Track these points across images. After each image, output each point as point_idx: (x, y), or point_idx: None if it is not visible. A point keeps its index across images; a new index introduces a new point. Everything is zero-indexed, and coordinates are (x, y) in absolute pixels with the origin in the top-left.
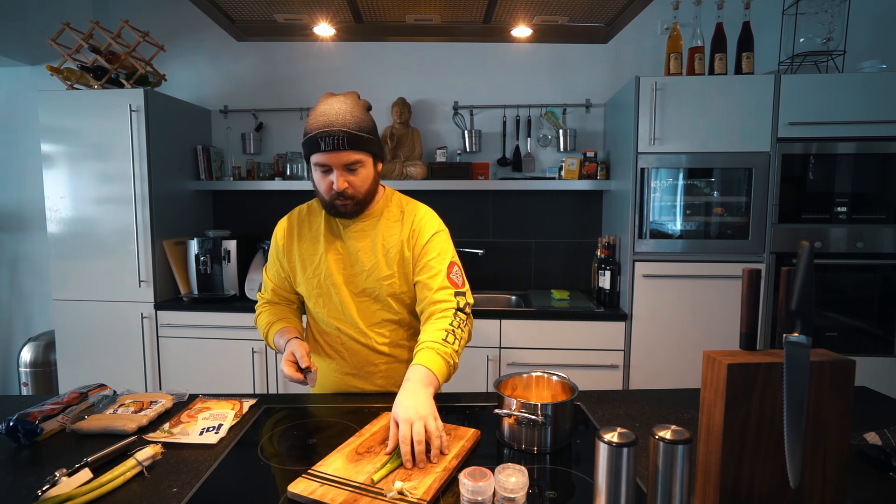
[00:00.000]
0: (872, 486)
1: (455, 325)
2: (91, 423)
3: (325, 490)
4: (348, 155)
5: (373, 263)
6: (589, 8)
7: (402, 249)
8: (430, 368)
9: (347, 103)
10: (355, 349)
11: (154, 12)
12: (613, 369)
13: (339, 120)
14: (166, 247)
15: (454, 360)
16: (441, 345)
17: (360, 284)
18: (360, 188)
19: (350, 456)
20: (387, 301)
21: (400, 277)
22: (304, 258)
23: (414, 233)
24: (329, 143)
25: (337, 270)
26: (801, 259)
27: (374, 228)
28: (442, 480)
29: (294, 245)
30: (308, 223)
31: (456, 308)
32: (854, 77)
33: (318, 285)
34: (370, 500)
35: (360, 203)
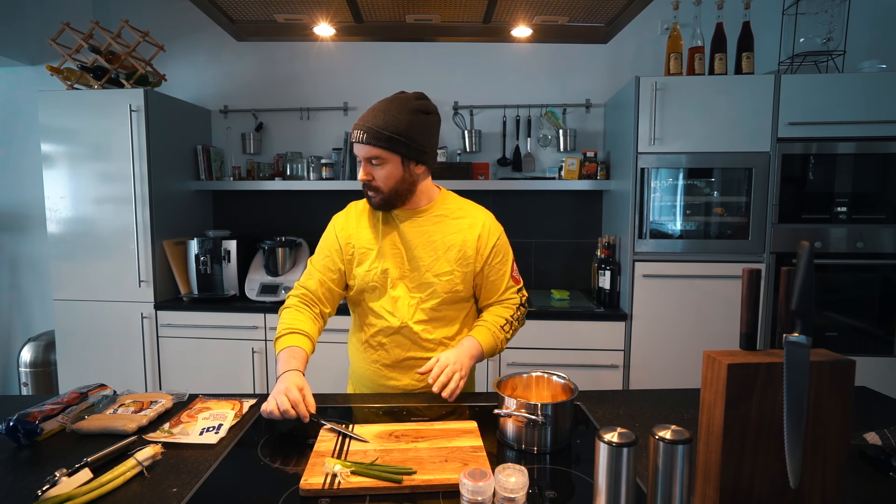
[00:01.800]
0: (872, 486)
1: (515, 318)
2: (91, 423)
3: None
4: (368, 149)
5: (432, 259)
6: (589, 8)
7: (463, 248)
8: (481, 344)
9: (391, 102)
10: (399, 342)
11: (154, 12)
12: (613, 369)
13: (370, 116)
14: (166, 247)
15: (503, 345)
16: (498, 330)
17: (417, 279)
18: (382, 183)
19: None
20: (442, 297)
21: (459, 275)
22: (363, 250)
23: (482, 236)
24: (355, 135)
25: (395, 265)
26: (801, 259)
27: (431, 225)
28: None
29: (353, 237)
30: (367, 216)
31: (519, 304)
32: (854, 77)
33: (374, 278)
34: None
35: (386, 198)
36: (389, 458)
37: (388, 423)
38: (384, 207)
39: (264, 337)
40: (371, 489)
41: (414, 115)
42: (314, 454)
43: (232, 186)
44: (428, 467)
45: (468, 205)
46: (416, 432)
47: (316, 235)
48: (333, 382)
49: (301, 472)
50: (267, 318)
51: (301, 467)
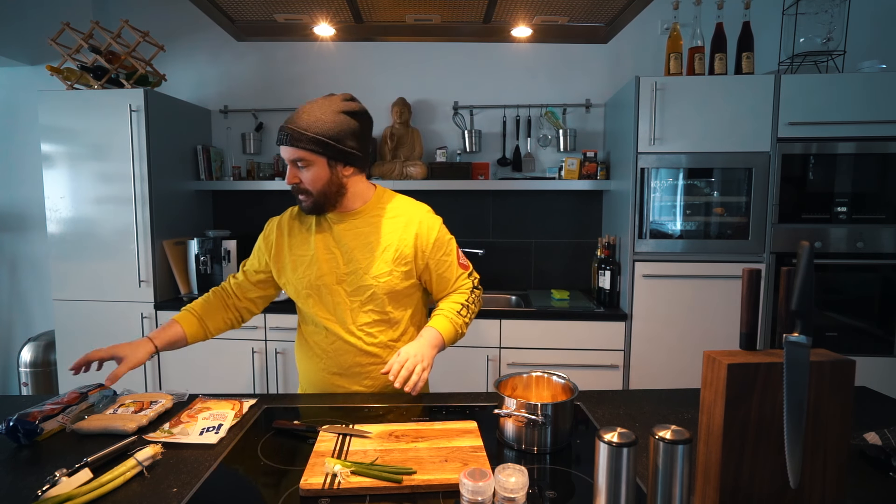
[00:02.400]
0: (872, 486)
1: (470, 301)
2: (91, 423)
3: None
4: (292, 151)
5: (368, 261)
6: (589, 8)
7: (401, 248)
8: (441, 332)
9: (316, 103)
10: (343, 349)
11: (154, 12)
12: (613, 369)
13: (296, 117)
14: (166, 247)
15: (463, 329)
16: (455, 315)
17: (354, 283)
18: (310, 186)
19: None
20: (382, 299)
21: (398, 275)
22: (296, 258)
23: (421, 234)
24: (279, 137)
25: (329, 270)
26: (801, 259)
27: (367, 226)
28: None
29: (285, 245)
30: (299, 223)
31: (472, 287)
32: (854, 77)
33: (308, 285)
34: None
35: (316, 201)
36: (389, 458)
37: (389, 423)
38: (315, 211)
39: (264, 337)
40: (371, 489)
41: (339, 117)
42: (314, 454)
43: (232, 186)
44: (428, 467)
45: (404, 203)
46: (416, 432)
47: None
48: None
49: (301, 472)
50: (267, 318)
51: (301, 467)
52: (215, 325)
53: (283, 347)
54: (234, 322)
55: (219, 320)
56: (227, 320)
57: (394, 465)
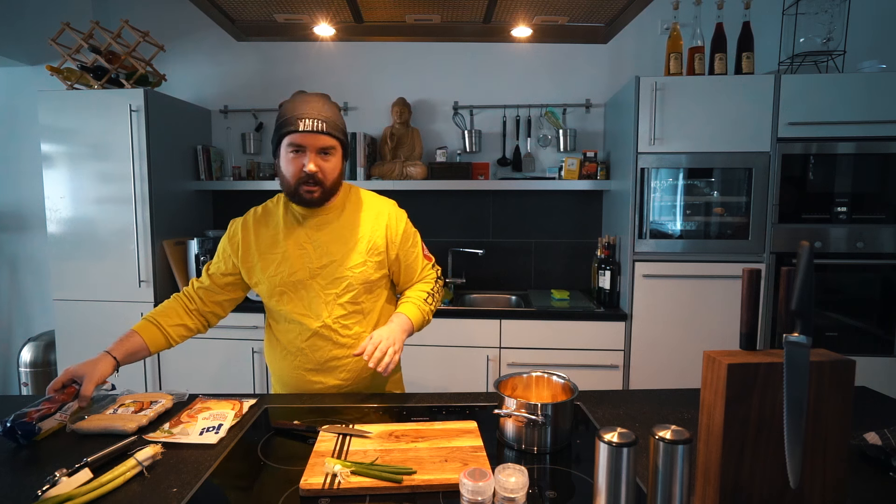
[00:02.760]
0: (872, 486)
1: (434, 290)
2: (91, 423)
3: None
4: (325, 139)
5: (343, 253)
6: (589, 8)
7: (373, 239)
8: (410, 318)
9: (325, 98)
10: (318, 345)
11: (154, 12)
12: (613, 369)
13: (319, 106)
14: (166, 247)
15: (429, 317)
16: (423, 303)
17: (329, 275)
18: (329, 175)
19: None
20: (357, 290)
21: (372, 265)
22: (266, 257)
23: (390, 225)
24: (310, 123)
25: (302, 266)
26: (801, 259)
27: (338, 220)
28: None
29: (252, 245)
30: (265, 223)
31: (436, 277)
32: (854, 77)
33: (281, 282)
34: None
35: (326, 192)
36: (389, 458)
37: (389, 423)
38: (319, 203)
39: (264, 337)
40: (371, 489)
41: (340, 112)
42: (314, 454)
43: (232, 186)
44: (428, 467)
45: (371, 196)
46: (416, 432)
47: None
48: None
49: (301, 472)
50: None
51: (301, 467)
52: (177, 332)
53: None
54: (200, 327)
55: (181, 328)
56: (191, 327)
57: (394, 465)
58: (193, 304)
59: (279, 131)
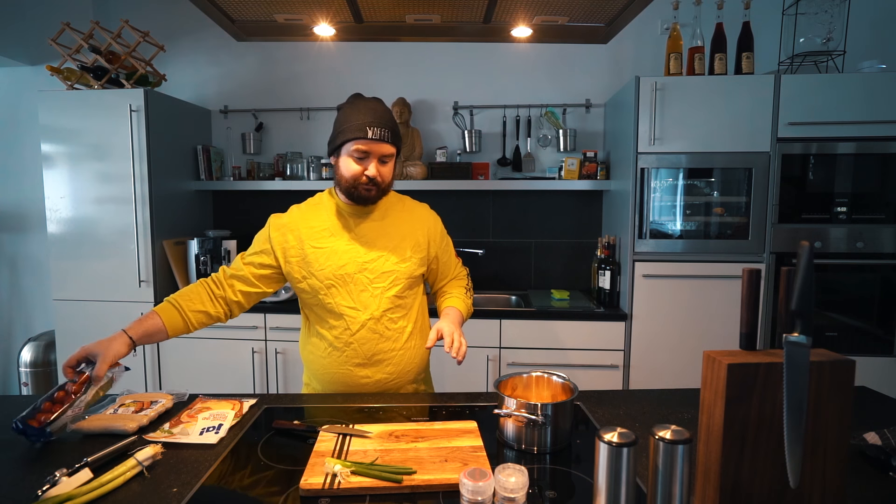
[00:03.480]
0: (872, 486)
1: (469, 286)
2: (91, 423)
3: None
4: (388, 147)
5: (390, 249)
6: (589, 8)
7: (415, 236)
8: (460, 310)
9: (385, 106)
10: (366, 337)
11: (154, 12)
12: (613, 369)
13: (386, 116)
14: (166, 247)
15: (471, 308)
16: (465, 297)
17: (378, 269)
18: (387, 178)
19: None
20: (403, 284)
21: (416, 260)
22: (316, 251)
23: (430, 225)
24: (377, 133)
25: (350, 260)
26: (801, 259)
27: (383, 218)
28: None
29: (303, 239)
30: (313, 218)
31: (467, 274)
32: (854, 77)
33: (331, 275)
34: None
35: (382, 192)
36: (389, 457)
37: (389, 423)
38: (374, 201)
39: (264, 337)
40: (371, 489)
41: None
42: (314, 454)
43: (232, 186)
44: (428, 467)
45: (409, 200)
46: (416, 432)
47: None
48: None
49: (301, 472)
50: (267, 318)
51: (301, 467)
52: (197, 318)
53: (283, 347)
54: (221, 316)
55: (201, 314)
56: (212, 314)
57: (394, 465)
58: (220, 291)
59: (346, 135)
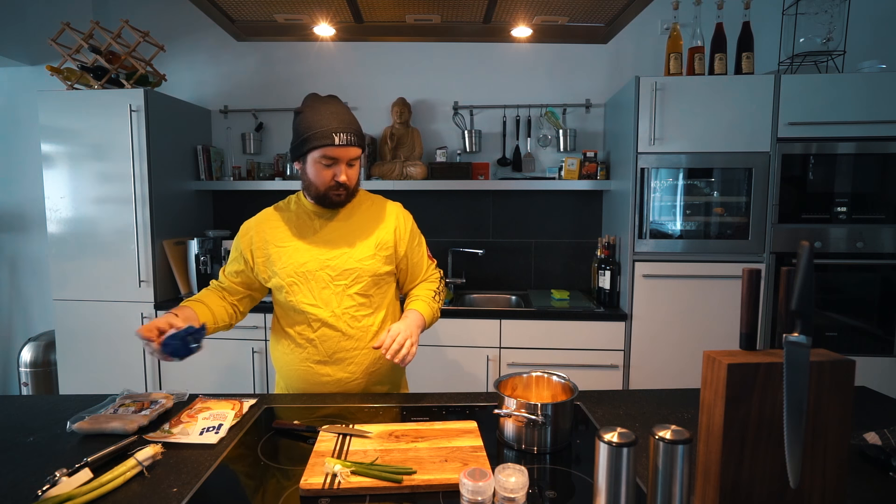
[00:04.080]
0: (872, 486)
1: (439, 290)
2: (91, 424)
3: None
4: (356, 150)
5: (352, 246)
6: (589, 8)
7: (381, 235)
8: (422, 314)
9: (340, 105)
10: (327, 335)
11: (154, 12)
12: (613, 369)
13: (349, 118)
14: (166, 247)
15: (438, 314)
16: (431, 301)
17: (340, 266)
18: (353, 181)
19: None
20: (366, 282)
21: (381, 258)
22: (279, 250)
23: (399, 225)
24: (344, 138)
25: (312, 258)
26: (801, 259)
27: (349, 217)
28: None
29: (267, 240)
30: (278, 220)
31: (440, 277)
32: (854, 77)
33: (293, 272)
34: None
35: (350, 195)
36: (389, 457)
37: (389, 423)
38: (343, 205)
39: (264, 337)
40: (371, 489)
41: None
42: (314, 454)
43: (232, 186)
44: (428, 467)
45: (377, 197)
46: (415, 432)
47: None
48: None
49: (301, 472)
50: (267, 318)
51: (301, 467)
52: (220, 315)
53: None
54: (232, 317)
55: (222, 312)
56: (227, 314)
57: (394, 465)
58: (224, 294)
59: (312, 142)
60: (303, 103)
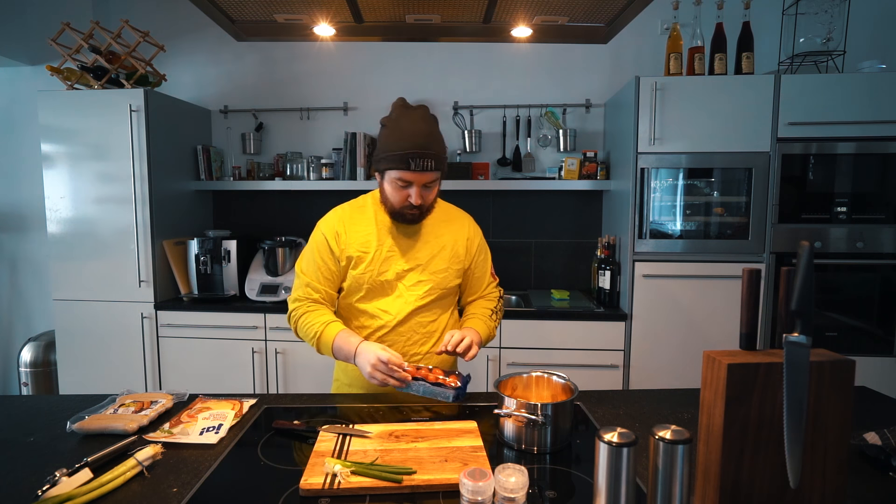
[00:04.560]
0: (872, 486)
1: (497, 308)
2: (91, 423)
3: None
4: (432, 175)
5: (429, 258)
6: (589, 8)
7: (455, 248)
8: (479, 332)
9: (431, 124)
10: (393, 341)
11: (154, 12)
12: (613, 369)
13: (429, 141)
14: (166, 247)
15: (493, 332)
16: (488, 318)
17: (414, 278)
18: (430, 201)
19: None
20: (437, 294)
21: (453, 272)
22: (358, 254)
23: (470, 237)
24: (420, 164)
25: (390, 267)
26: (801, 259)
27: (424, 228)
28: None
29: (350, 240)
30: (361, 220)
31: (499, 296)
32: (854, 77)
33: (369, 280)
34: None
35: (425, 213)
36: (389, 457)
37: (389, 423)
38: (417, 222)
39: (264, 337)
40: (371, 489)
41: (441, 135)
42: (314, 454)
43: (232, 186)
44: (428, 467)
45: (452, 208)
46: (416, 432)
47: None
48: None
49: (301, 472)
50: (267, 318)
51: (301, 467)
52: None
53: (283, 347)
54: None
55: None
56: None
57: (394, 465)
58: (331, 308)
59: (388, 164)
60: (390, 112)
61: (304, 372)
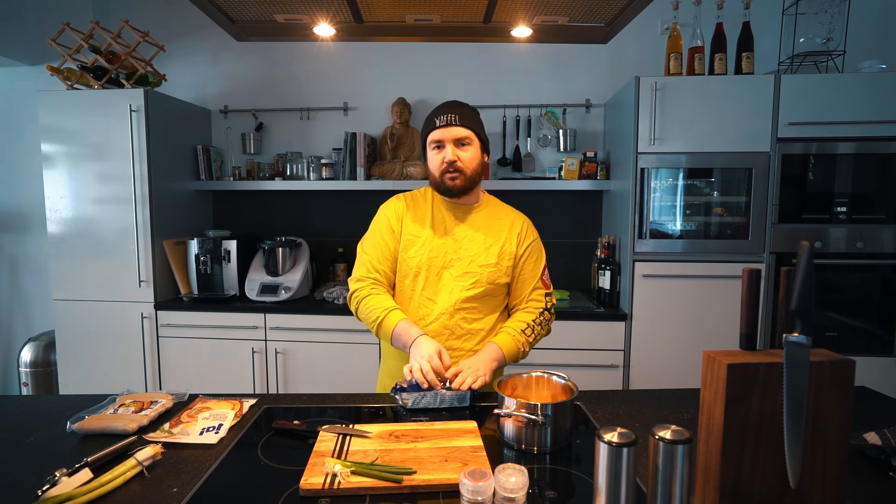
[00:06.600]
0: (872, 486)
1: (537, 322)
2: (91, 423)
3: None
4: (459, 129)
5: (478, 251)
6: (589, 8)
7: (506, 244)
8: (502, 348)
9: (461, 102)
10: (437, 331)
11: (154, 12)
12: (613, 369)
13: (456, 105)
14: (166, 247)
15: (526, 348)
16: (519, 334)
17: (462, 268)
18: (468, 164)
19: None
20: (484, 288)
21: (502, 268)
22: (413, 237)
23: (522, 235)
24: (445, 119)
25: (441, 253)
26: (801, 259)
27: (478, 221)
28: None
29: (407, 223)
30: (418, 206)
31: (543, 307)
32: (854, 77)
33: (418, 264)
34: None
35: (468, 180)
36: (389, 457)
37: (389, 423)
38: (463, 191)
39: (264, 337)
40: (371, 489)
41: (478, 113)
42: (314, 454)
43: (232, 186)
44: (428, 467)
45: (509, 207)
46: (416, 432)
47: (316, 235)
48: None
49: (301, 472)
50: (267, 318)
51: (301, 467)
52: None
53: (283, 347)
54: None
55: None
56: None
57: (394, 465)
58: (391, 292)
59: (423, 134)
60: None
61: (304, 372)
